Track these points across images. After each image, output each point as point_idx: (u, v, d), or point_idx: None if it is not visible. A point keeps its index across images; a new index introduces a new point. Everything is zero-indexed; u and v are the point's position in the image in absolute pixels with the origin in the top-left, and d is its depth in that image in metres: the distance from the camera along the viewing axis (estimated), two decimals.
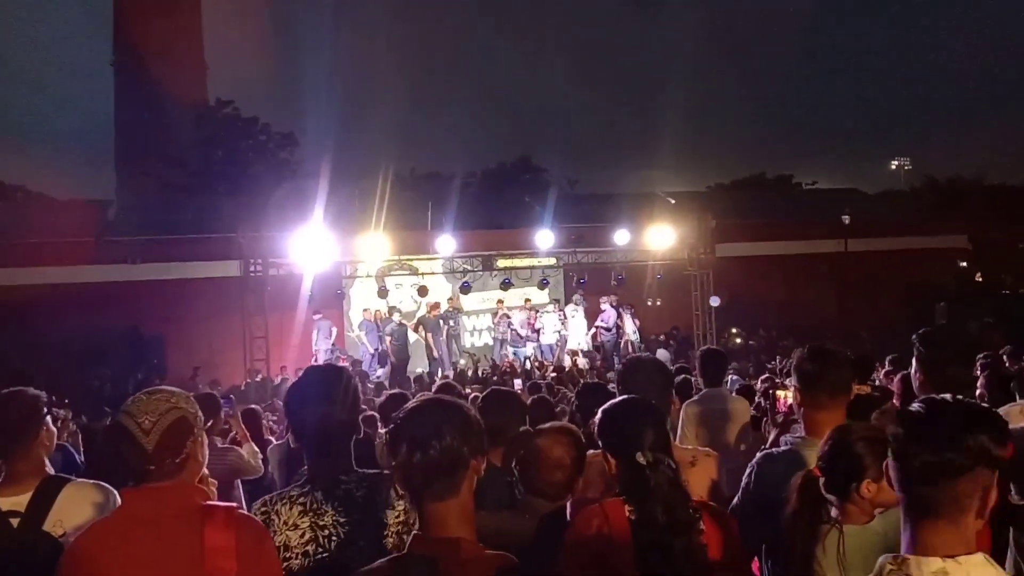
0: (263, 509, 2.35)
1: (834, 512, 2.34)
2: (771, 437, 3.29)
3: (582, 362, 17.22)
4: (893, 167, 59.10)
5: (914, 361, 3.11)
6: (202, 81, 42.06)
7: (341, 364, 14.62)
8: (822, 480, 2.34)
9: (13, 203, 29.89)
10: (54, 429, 2.99)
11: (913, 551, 1.59)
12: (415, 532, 1.91)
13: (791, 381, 2.97)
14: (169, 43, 39.04)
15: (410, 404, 1.98)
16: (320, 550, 2.32)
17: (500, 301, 18.69)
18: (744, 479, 2.89)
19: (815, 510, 2.32)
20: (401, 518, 2.38)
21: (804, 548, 2.29)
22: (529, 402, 5.23)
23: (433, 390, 5.99)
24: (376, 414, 5.72)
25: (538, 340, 18.39)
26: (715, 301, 18.26)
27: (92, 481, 2.86)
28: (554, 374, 14.21)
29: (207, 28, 44.39)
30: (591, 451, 2.96)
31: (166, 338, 17.29)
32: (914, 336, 3.11)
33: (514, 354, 17.96)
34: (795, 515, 2.32)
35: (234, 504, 2.15)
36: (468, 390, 8.93)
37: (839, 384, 2.83)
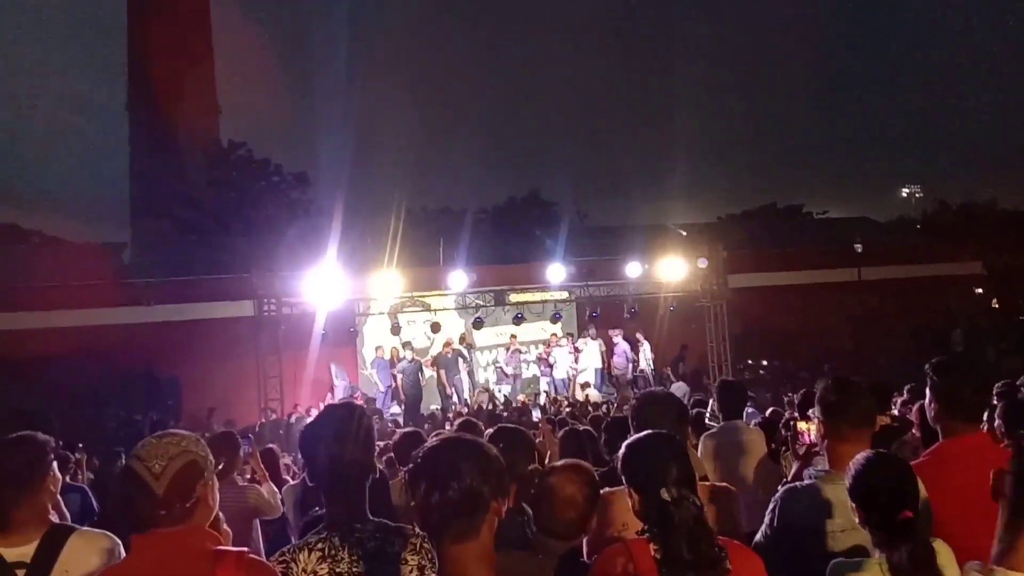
0: (281, 559, 2.33)
1: (876, 554, 2.28)
2: (793, 470, 3.24)
3: (594, 395, 17.14)
4: (904, 195, 59.00)
5: (928, 390, 3.07)
6: (215, 123, 42.60)
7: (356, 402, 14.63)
8: (860, 517, 2.32)
9: (30, 247, 30.24)
10: (59, 475, 2.93)
11: (998, 561, 1.58)
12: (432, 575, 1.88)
13: (814, 412, 2.93)
14: (182, 86, 39.59)
15: (430, 443, 1.96)
16: None
17: (513, 336, 18.69)
18: (767, 514, 2.84)
19: None
20: (415, 574, 2.35)
21: None
22: (560, 436, 5.21)
23: (455, 426, 5.94)
24: (392, 454, 5.67)
25: (551, 375, 18.34)
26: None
27: (98, 530, 2.82)
28: (568, 408, 14.13)
29: (220, 71, 45.09)
30: (609, 489, 2.92)
31: (181, 379, 17.32)
32: (927, 365, 3.07)
33: (499, 391, 17.89)
34: None
35: (245, 549, 2.13)
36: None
37: (863, 416, 2.80)
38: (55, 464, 2.87)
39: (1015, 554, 1.56)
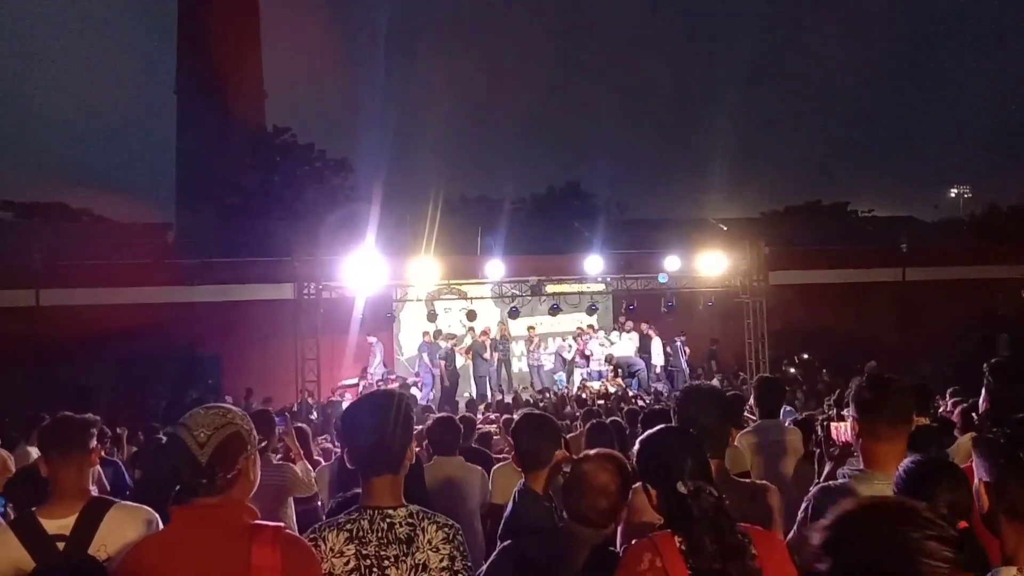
0: (311, 536, 2.35)
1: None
2: (826, 470, 3.19)
3: (608, 386, 17.11)
4: (952, 195, 57.63)
5: (983, 390, 3.00)
6: (261, 108, 43.11)
7: (391, 386, 14.79)
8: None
9: (78, 226, 30.93)
10: (100, 454, 3.08)
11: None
12: None
13: (849, 411, 2.87)
14: (230, 71, 40.16)
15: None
16: None
17: (531, 328, 18.71)
18: (800, 513, 2.79)
19: None
20: (445, 563, 2.35)
21: None
22: (586, 427, 5.22)
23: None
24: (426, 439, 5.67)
25: (587, 365, 18.33)
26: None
27: (136, 504, 2.90)
28: (601, 401, 14.10)
29: (267, 57, 45.63)
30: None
31: (222, 358, 17.62)
32: (985, 364, 3.00)
33: (558, 381, 18.00)
34: None
35: (282, 524, 2.16)
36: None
37: (900, 414, 2.69)
38: (94, 442, 3.01)
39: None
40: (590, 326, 19.16)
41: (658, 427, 2.47)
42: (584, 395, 16.04)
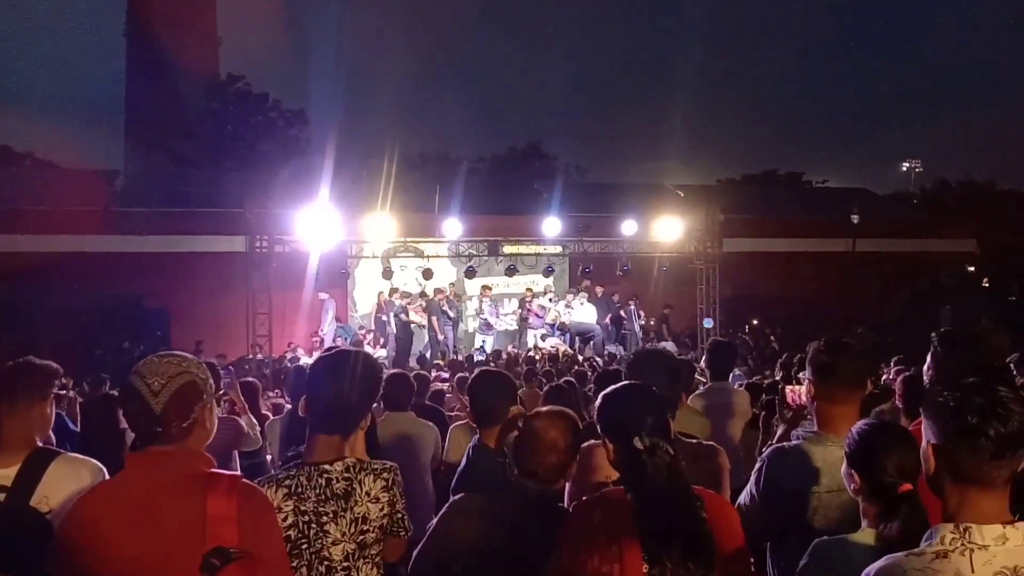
0: None
1: (865, 524, 2.18)
2: (779, 432, 3.24)
3: (560, 346, 17.16)
4: (904, 169, 58.60)
5: (929, 358, 3.07)
6: (214, 55, 41.86)
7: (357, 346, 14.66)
8: (855, 485, 2.22)
9: (21, 170, 29.91)
10: (53, 407, 2.93)
11: (971, 519, 1.65)
12: None
13: (805, 374, 2.90)
14: (182, 15, 38.88)
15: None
16: (300, 536, 2.32)
17: (487, 288, 18.57)
18: (753, 474, 2.83)
19: None
20: (385, 510, 2.40)
21: None
22: (545, 390, 5.25)
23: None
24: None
25: (542, 325, 18.40)
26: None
27: (82, 456, 2.79)
28: (551, 364, 14.19)
29: (220, 2, 44.24)
30: (593, 441, 2.94)
31: (170, 311, 17.28)
32: (933, 334, 3.07)
33: (483, 342, 18.09)
34: None
35: (239, 474, 2.13)
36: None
37: (855, 378, 2.75)
38: (52, 393, 2.87)
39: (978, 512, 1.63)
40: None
41: (622, 383, 2.47)
42: (535, 355, 16.15)
